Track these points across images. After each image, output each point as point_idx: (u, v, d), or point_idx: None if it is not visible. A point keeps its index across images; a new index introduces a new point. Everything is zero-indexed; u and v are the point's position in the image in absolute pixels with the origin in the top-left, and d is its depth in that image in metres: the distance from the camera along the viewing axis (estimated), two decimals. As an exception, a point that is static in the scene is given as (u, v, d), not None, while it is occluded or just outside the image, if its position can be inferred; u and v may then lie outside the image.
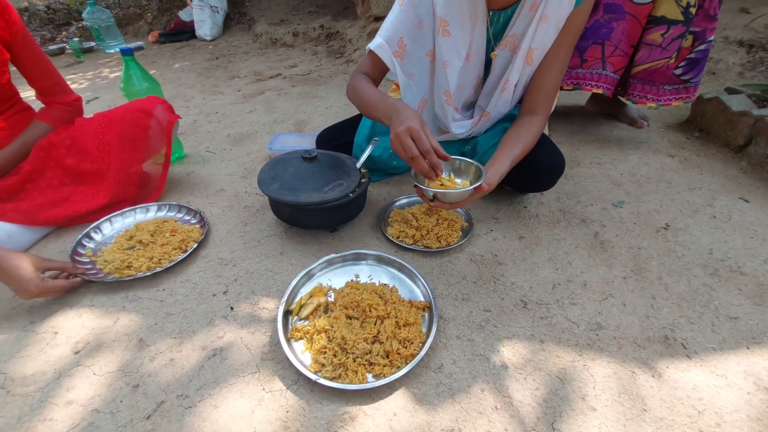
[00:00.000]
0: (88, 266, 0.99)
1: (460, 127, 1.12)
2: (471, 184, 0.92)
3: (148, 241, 1.06)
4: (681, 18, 1.25)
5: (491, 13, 0.97)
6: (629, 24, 1.29)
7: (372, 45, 1.01)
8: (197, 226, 1.14)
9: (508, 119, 1.15)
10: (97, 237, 1.09)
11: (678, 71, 1.37)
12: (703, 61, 1.35)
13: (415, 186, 0.92)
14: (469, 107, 1.17)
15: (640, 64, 1.36)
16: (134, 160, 1.19)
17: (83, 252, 1.04)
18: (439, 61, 1.01)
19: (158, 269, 0.98)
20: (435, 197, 0.90)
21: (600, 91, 1.38)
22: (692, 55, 1.34)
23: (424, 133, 0.81)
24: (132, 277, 0.96)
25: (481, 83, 1.10)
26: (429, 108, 1.15)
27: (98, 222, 1.12)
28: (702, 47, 1.32)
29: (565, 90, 1.46)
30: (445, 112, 1.09)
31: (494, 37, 1.01)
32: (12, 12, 1.09)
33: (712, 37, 1.32)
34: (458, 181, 1.01)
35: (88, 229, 1.09)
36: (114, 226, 1.13)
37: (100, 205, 1.16)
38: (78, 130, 1.19)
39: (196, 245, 1.06)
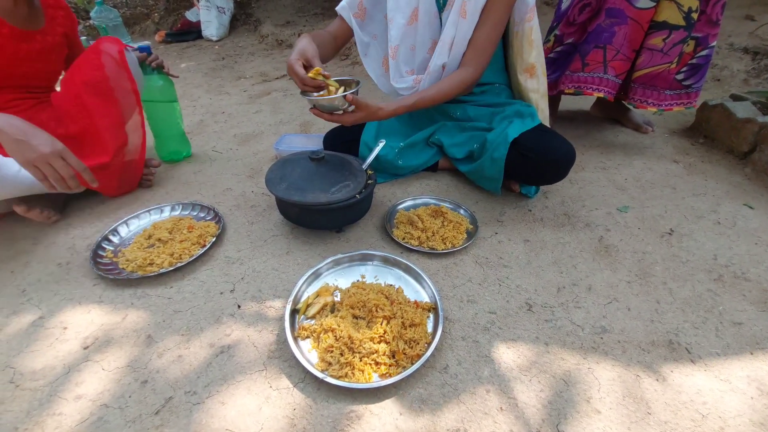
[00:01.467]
0: (110, 267, 1.01)
1: (402, 82, 1.22)
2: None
3: (167, 238, 1.08)
4: (683, 23, 1.25)
5: None
6: (631, 28, 1.29)
7: (338, 6, 1.21)
8: (212, 222, 1.16)
9: (515, 114, 1.17)
10: (115, 239, 1.11)
11: (680, 76, 1.37)
12: (705, 67, 1.35)
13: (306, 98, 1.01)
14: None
15: (641, 68, 1.36)
16: (108, 104, 1.18)
17: (103, 254, 1.05)
18: (388, 19, 1.16)
19: (180, 264, 1.00)
20: (314, 105, 1.00)
21: (601, 94, 1.38)
22: (694, 61, 1.35)
23: (304, 62, 0.99)
24: (156, 273, 0.98)
25: None
26: None
27: (115, 225, 1.14)
28: (704, 53, 1.33)
29: (566, 94, 1.46)
30: (390, 67, 1.22)
31: (444, 5, 1.13)
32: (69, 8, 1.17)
33: (714, 43, 1.32)
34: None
35: (106, 232, 1.11)
36: (130, 228, 1.15)
37: (107, 160, 1.17)
38: (57, 101, 1.23)
39: (214, 239, 1.08)
